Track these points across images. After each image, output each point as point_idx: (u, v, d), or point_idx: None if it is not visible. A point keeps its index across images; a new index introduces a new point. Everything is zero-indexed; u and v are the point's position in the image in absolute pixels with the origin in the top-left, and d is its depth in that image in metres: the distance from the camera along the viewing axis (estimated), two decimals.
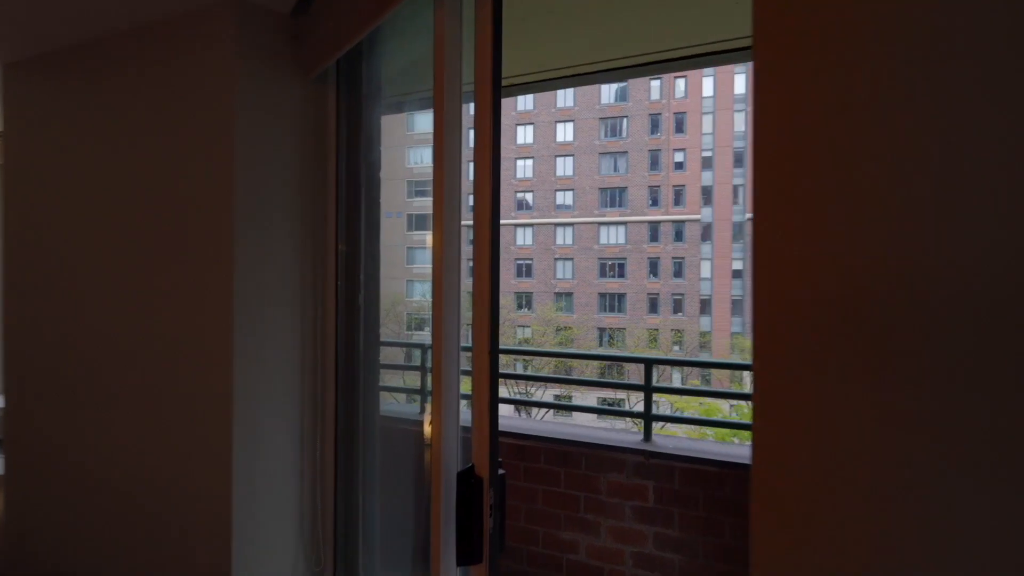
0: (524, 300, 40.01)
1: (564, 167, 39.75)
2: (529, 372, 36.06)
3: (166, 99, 1.93)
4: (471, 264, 1.34)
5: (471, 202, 1.37)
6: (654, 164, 38.14)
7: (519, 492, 2.83)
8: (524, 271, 40.24)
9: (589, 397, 38.18)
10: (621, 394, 36.78)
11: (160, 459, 1.88)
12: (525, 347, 36.75)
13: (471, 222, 1.35)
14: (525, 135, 40.29)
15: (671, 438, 2.83)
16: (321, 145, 2.20)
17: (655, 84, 37.97)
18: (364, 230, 2.16)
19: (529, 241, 40.17)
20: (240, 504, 1.74)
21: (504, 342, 35.58)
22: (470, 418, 1.33)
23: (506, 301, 38.50)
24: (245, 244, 1.85)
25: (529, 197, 40.28)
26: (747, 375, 33.04)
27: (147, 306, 1.95)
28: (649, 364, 3.28)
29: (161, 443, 1.88)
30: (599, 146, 38.89)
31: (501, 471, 1.26)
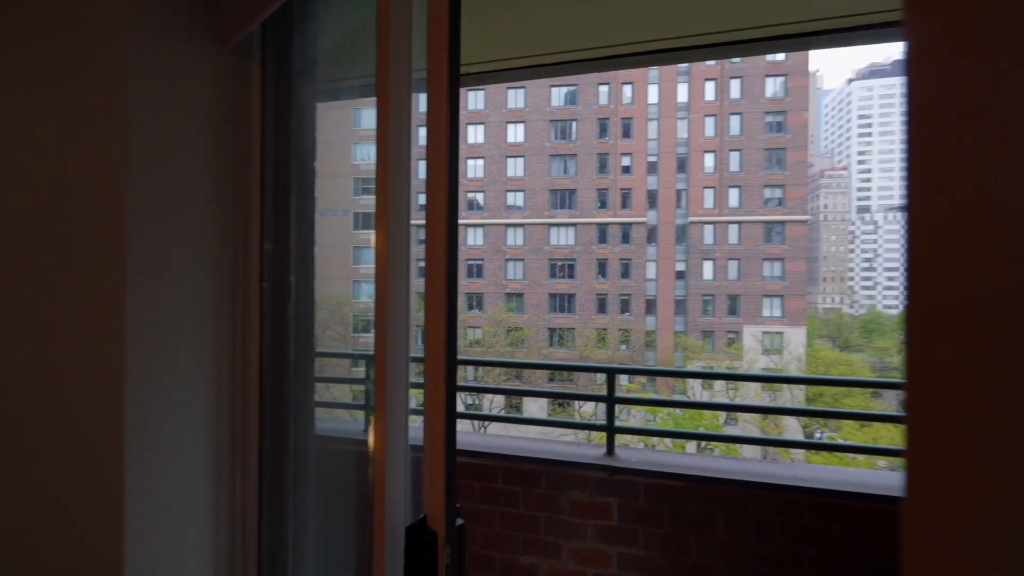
0: (475, 301, 39.70)
1: (515, 168, 39.82)
2: (481, 372, 35.82)
3: (43, 69, 1.56)
4: (422, 265, 1.11)
5: (421, 201, 1.13)
6: (602, 167, 38.98)
7: (475, 515, 2.62)
8: (475, 271, 39.93)
9: (539, 400, 38.42)
10: (572, 391, 37.30)
11: (38, 508, 1.52)
12: (481, 357, 36.47)
13: (422, 221, 1.11)
14: (476, 135, 40.00)
15: (635, 451, 2.71)
16: (242, 128, 1.87)
17: (603, 89, 38.82)
18: (295, 227, 1.86)
19: (480, 241, 39.91)
20: (135, 556, 1.42)
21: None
22: (421, 437, 1.10)
23: (457, 302, 38.03)
24: (143, 243, 1.52)
25: (480, 197, 40.04)
26: (692, 382, 34.11)
27: (23, 316, 1.58)
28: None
29: (39, 485, 1.52)
30: (549, 148, 39.26)
31: (460, 520, 1.04)
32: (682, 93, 38.59)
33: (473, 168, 40.07)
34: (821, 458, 23.18)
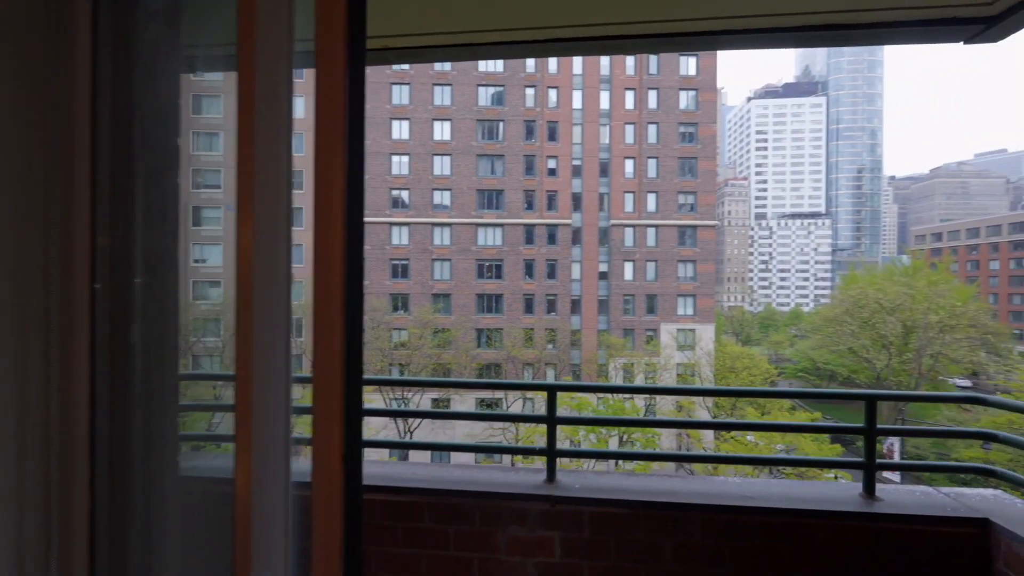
0: (400, 302, 38.44)
1: (442, 166, 39.07)
2: (407, 375, 34.70)
3: None
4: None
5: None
6: (529, 169, 39.40)
7: (398, 562, 2.23)
8: (400, 272, 38.67)
9: (468, 398, 38.05)
10: (499, 394, 37.30)
11: None
12: (407, 360, 35.27)
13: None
14: (400, 130, 38.73)
15: (577, 474, 2.46)
16: (66, 83, 1.35)
17: (530, 92, 39.25)
18: (144, 217, 1.37)
19: (405, 241, 38.71)
20: None
21: (379, 346, 33.72)
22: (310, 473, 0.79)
23: (381, 303, 36.58)
24: None
25: (406, 195, 38.83)
26: (618, 383, 35.20)
27: None
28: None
29: None
30: (477, 148, 38.98)
31: None
32: (604, 100, 40.02)
33: (398, 164, 38.77)
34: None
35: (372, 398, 35.40)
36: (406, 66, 38.75)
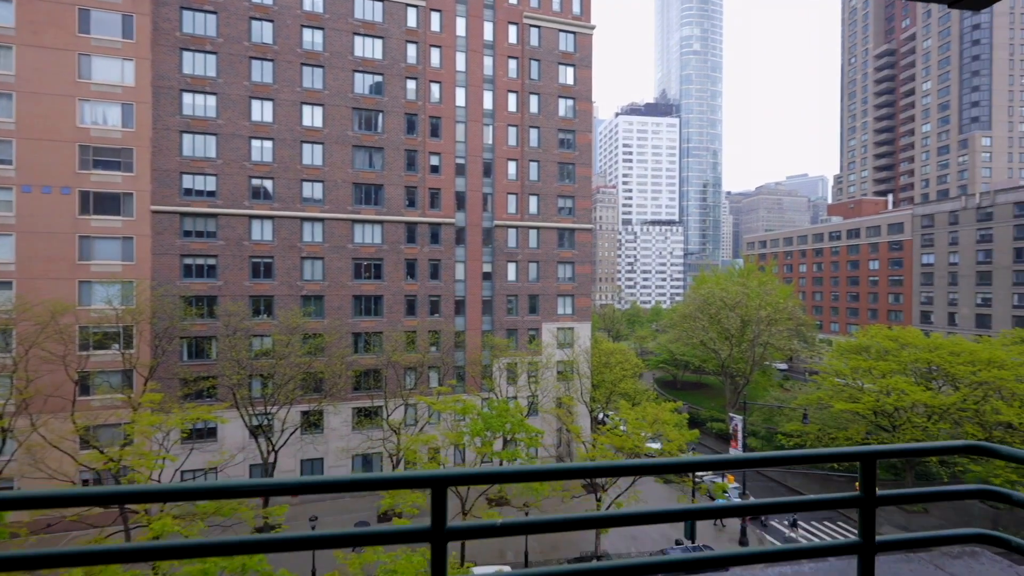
0: (262, 305, 34.15)
1: (312, 155, 35.57)
2: (270, 388, 30.87)
3: None
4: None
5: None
6: (411, 164, 37.72)
7: None
8: (262, 271, 34.34)
9: (343, 409, 35.25)
10: (378, 401, 35.07)
11: None
12: (270, 360, 31.25)
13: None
14: (262, 112, 34.39)
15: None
16: None
17: (411, 84, 37.57)
18: None
19: (269, 236, 34.48)
20: None
21: (234, 356, 29.47)
22: None
23: (238, 307, 32.08)
24: None
25: (269, 185, 34.57)
26: (498, 379, 35.21)
27: None
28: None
29: None
30: (353, 138, 36.22)
31: None
32: (488, 100, 39.93)
33: (260, 150, 34.38)
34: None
35: (228, 416, 30.93)
36: (268, 39, 34.55)
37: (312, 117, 35.58)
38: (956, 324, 63.21)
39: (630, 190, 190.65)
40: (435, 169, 38.45)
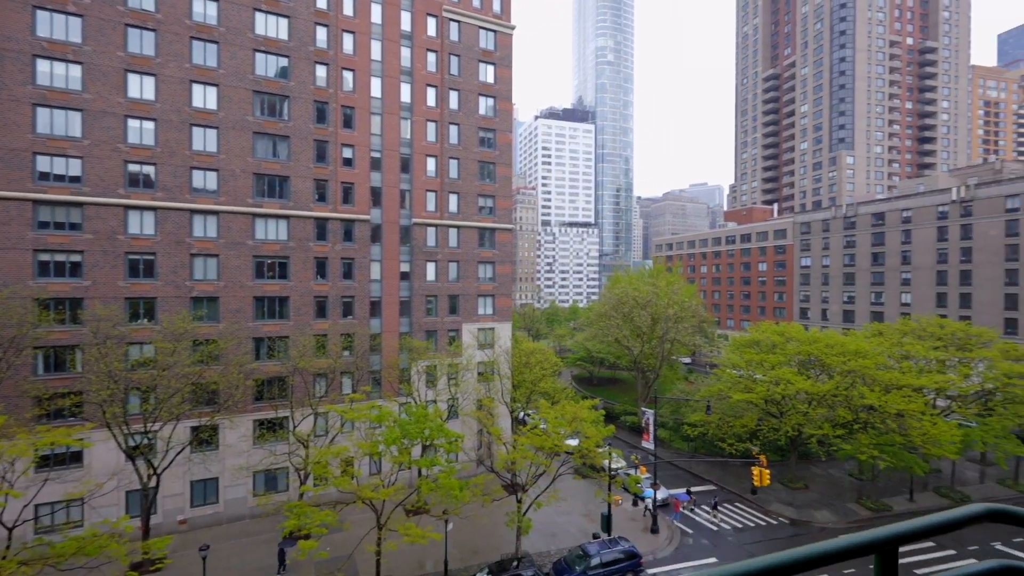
0: (142, 308, 29.96)
1: (205, 140, 31.86)
2: (152, 403, 27.10)
3: None
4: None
5: None
6: (321, 156, 35.17)
7: None
8: (142, 269, 30.12)
9: (243, 422, 32.14)
10: (283, 412, 32.35)
11: None
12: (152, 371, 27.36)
13: None
14: (142, 88, 30.16)
15: None
16: None
17: (321, 70, 35.03)
18: None
19: (150, 230, 30.33)
20: None
21: (104, 368, 25.49)
22: None
23: (111, 310, 27.85)
24: None
25: (151, 171, 30.40)
26: (416, 382, 33.98)
27: None
28: None
29: None
30: (254, 124, 33.00)
31: None
32: (405, 93, 38.39)
33: (138, 131, 30.12)
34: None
35: (96, 437, 26.74)
36: (149, 6, 30.38)
37: (204, 98, 31.87)
38: (827, 319, 71.94)
39: (549, 192, 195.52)
40: (348, 162, 36.22)
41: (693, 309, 53.49)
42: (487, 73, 41.25)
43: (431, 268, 39.12)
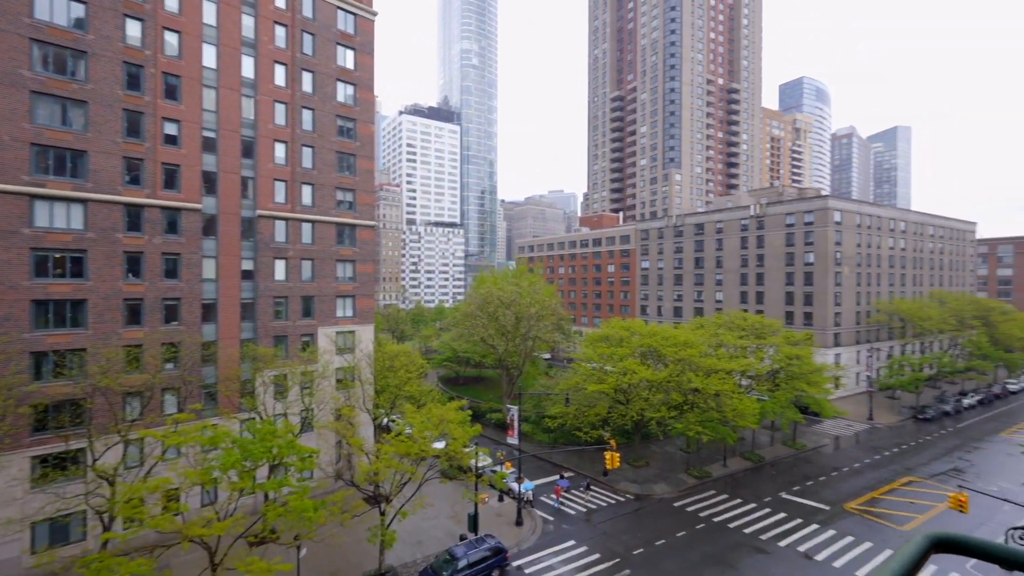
0: None
1: None
2: None
3: None
4: None
5: None
6: (134, 130, 29.11)
7: None
8: None
9: (13, 460, 25.25)
10: (78, 443, 26.15)
11: None
12: None
13: None
14: None
15: None
16: None
17: (133, 26, 28.99)
18: None
19: None
20: None
21: None
22: None
23: None
24: None
25: None
26: (263, 394, 30.19)
27: None
28: None
29: None
30: (31, 80, 25.96)
31: None
32: (248, 67, 33.82)
33: None
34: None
35: None
36: None
37: None
38: (662, 315, 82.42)
39: (414, 190, 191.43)
40: (172, 140, 30.62)
41: (553, 308, 56.68)
42: (346, 58, 38.44)
43: (280, 266, 35.09)
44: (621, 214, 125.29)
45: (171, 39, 30.69)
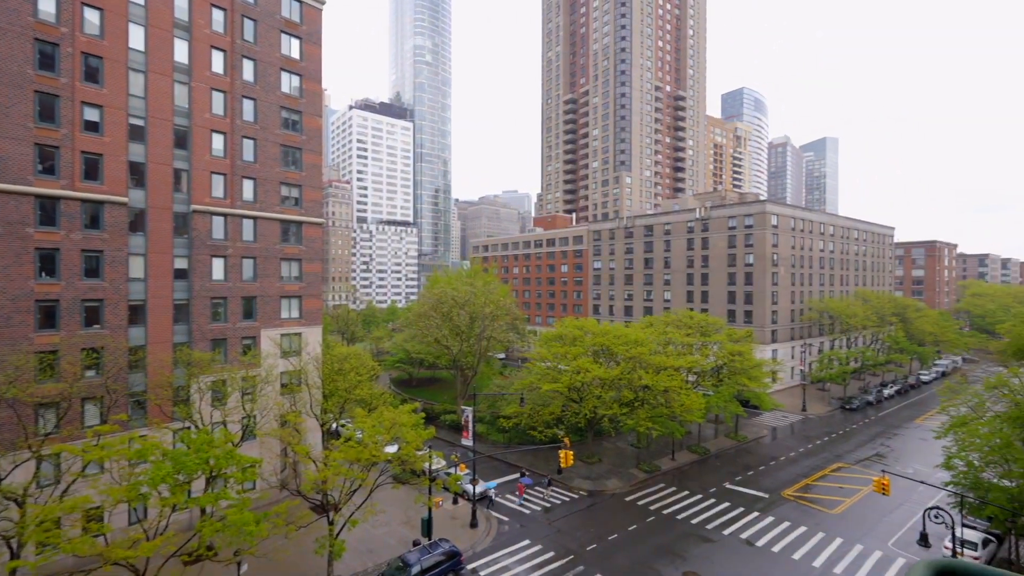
0: None
1: None
2: None
3: None
4: None
5: None
6: (47, 114, 26.39)
7: None
8: None
9: None
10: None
11: None
12: None
13: None
14: None
15: None
16: None
17: (47, 1, 26.28)
18: None
19: None
20: None
21: None
22: None
23: None
24: None
25: None
26: (198, 403, 28.27)
27: None
28: None
29: None
30: None
31: None
32: (181, 52, 31.52)
33: None
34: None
35: None
36: None
37: None
38: (614, 314, 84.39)
39: (365, 188, 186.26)
40: (93, 127, 28.04)
41: (507, 307, 56.64)
42: (291, 47, 36.66)
43: (219, 265, 32.97)
44: (574, 215, 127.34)
45: (92, 16, 28.09)
